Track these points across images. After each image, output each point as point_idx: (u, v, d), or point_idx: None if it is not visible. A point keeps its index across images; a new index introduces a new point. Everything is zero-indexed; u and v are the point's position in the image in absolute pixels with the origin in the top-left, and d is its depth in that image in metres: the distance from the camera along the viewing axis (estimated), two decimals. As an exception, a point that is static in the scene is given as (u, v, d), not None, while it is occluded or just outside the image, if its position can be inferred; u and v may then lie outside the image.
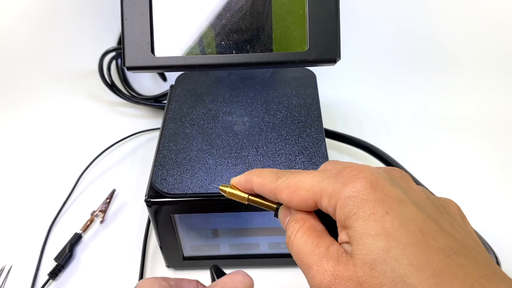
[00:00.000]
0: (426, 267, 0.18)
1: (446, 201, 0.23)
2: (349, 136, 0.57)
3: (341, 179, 0.21)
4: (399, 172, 0.23)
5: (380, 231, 0.19)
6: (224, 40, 0.38)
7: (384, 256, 0.18)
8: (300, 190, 0.23)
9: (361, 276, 0.19)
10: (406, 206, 0.20)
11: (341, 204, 0.21)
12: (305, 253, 0.22)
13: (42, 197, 0.54)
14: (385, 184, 0.20)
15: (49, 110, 0.68)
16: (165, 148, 0.42)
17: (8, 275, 0.46)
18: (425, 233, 0.19)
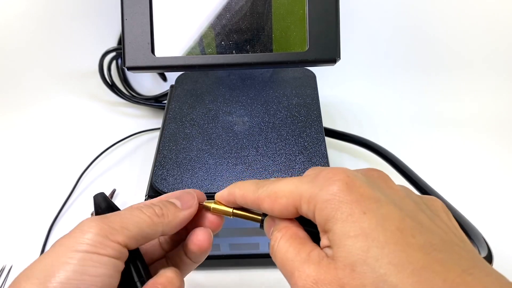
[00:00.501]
0: (406, 265, 0.18)
1: (429, 199, 0.23)
2: (349, 134, 0.57)
3: (318, 183, 0.21)
4: (377, 172, 0.23)
5: (358, 231, 0.19)
6: (224, 40, 0.38)
7: (364, 257, 0.18)
8: (280, 198, 0.23)
9: (342, 278, 0.19)
10: (383, 205, 0.20)
11: (319, 208, 0.21)
12: (288, 260, 0.22)
13: (43, 197, 0.54)
14: (361, 185, 0.21)
15: (50, 110, 0.68)
16: (165, 148, 0.42)
17: (8, 275, 0.46)
18: (404, 231, 0.19)
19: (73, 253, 0.22)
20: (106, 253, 0.22)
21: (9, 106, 0.68)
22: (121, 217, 0.25)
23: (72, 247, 0.22)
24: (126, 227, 0.24)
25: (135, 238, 0.24)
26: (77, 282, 0.21)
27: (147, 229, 0.25)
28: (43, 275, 0.21)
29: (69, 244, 0.22)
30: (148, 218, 0.25)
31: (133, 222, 0.24)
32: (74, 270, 0.21)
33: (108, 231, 0.23)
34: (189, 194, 0.28)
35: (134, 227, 0.24)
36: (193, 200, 0.27)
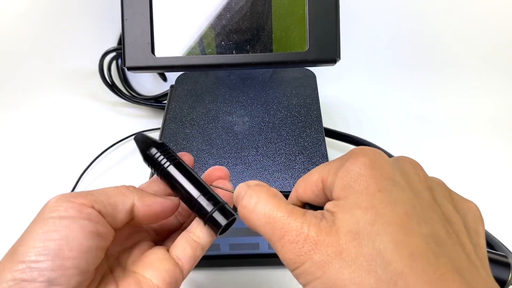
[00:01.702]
0: (404, 247, 0.18)
1: (464, 201, 0.23)
2: (349, 134, 0.57)
3: (345, 157, 0.22)
4: (409, 160, 0.23)
5: (369, 205, 0.19)
6: (224, 40, 0.38)
7: (368, 229, 0.19)
8: (312, 176, 0.24)
9: (342, 243, 0.19)
10: (398, 188, 0.20)
11: (340, 177, 0.21)
12: (278, 219, 0.21)
13: (43, 197, 0.54)
14: (384, 164, 0.21)
15: (50, 110, 0.68)
16: (165, 148, 0.42)
17: (9, 275, 0.46)
18: (410, 217, 0.19)
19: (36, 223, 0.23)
20: (69, 214, 0.23)
21: (8, 106, 0.68)
22: (89, 190, 0.25)
23: (37, 218, 0.23)
24: (91, 194, 0.24)
25: (102, 203, 0.24)
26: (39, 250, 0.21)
27: (115, 198, 0.25)
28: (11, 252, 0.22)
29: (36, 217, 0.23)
30: (117, 189, 0.26)
31: (99, 190, 0.25)
32: (35, 239, 0.22)
33: (70, 195, 0.24)
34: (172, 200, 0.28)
35: (99, 194, 0.25)
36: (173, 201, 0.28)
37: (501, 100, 0.67)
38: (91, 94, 0.70)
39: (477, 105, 0.66)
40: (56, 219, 0.22)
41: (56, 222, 0.22)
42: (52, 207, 0.23)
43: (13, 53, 0.68)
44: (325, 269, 0.19)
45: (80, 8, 0.66)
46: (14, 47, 0.68)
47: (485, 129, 0.63)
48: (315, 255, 0.19)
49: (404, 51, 0.69)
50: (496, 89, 0.68)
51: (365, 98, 0.69)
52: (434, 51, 0.68)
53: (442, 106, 0.67)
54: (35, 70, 0.70)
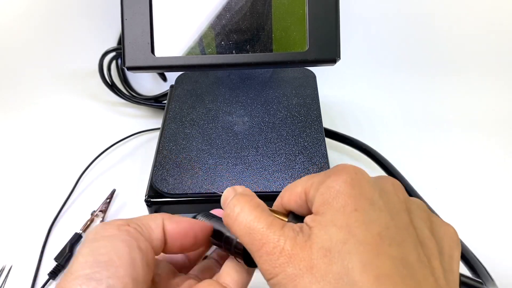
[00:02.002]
0: (372, 268, 0.18)
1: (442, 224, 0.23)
2: (349, 137, 0.57)
3: (329, 173, 0.23)
4: (391, 180, 0.24)
5: (344, 224, 0.20)
6: (224, 40, 0.38)
7: (340, 247, 0.19)
8: (297, 187, 0.24)
9: (314, 259, 0.19)
10: (375, 209, 0.21)
11: (321, 192, 0.22)
12: (257, 231, 0.22)
13: (42, 197, 0.54)
14: (364, 184, 0.21)
15: (49, 110, 0.68)
16: (165, 148, 0.42)
17: (8, 275, 0.46)
18: (383, 238, 0.19)
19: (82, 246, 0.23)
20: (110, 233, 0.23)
21: (8, 106, 0.68)
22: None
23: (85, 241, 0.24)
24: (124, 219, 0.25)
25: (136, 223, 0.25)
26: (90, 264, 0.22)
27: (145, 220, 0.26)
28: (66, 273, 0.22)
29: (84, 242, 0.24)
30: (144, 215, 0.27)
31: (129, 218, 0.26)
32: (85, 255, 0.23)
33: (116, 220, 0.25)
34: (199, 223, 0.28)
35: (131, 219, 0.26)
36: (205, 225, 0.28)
37: (503, 101, 0.67)
38: (91, 94, 0.70)
39: (480, 106, 0.66)
40: (99, 239, 0.23)
41: (100, 240, 0.23)
42: (93, 231, 0.24)
43: (12, 53, 0.68)
44: (296, 282, 0.19)
45: (80, 8, 0.66)
46: (13, 47, 0.68)
47: (486, 130, 0.63)
48: (288, 268, 0.20)
49: (405, 51, 0.68)
50: (498, 90, 0.68)
51: (366, 98, 0.69)
52: (434, 51, 0.68)
53: (442, 106, 0.67)
54: (34, 70, 0.69)
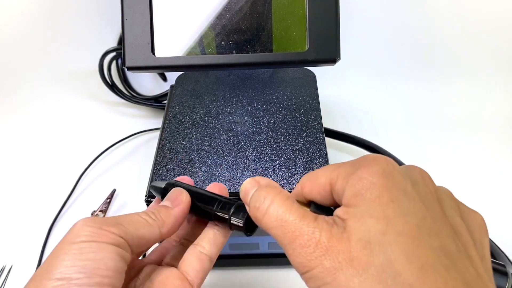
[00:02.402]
0: (415, 258, 0.18)
1: (470, 212, 0.23)
2: (350, 134, 0.57)
3: (357, 164, 0.22)
4: (419, 169, 0.23)
5: (381, 215, 0.19)
6: (224, 40, 0.38)
7: (379, 239, 0.19)
8: (320, 178, 0.23)
9: (353, 251, 0.19)
10: (410, 199, 0.20)
11: (351, 184, 0.21)
12: (290, 223, 0.21)
13: (42, 197, 0.54)
14: (396, 175, 0.21)
15: (49, 110, 0.68)
16: (165, 148, 0.42)
17: (8, 275, 0.46)
18: (421, 229, 0.19)
19: (71, 245, 0.23)
20: (103, 240, 0.23)
21: (8, 106, 0.68)
22: (115, 216, 0.26)
23: (69, 241, 0.23)
24: (121, 223, 0.25)
25: (130, 235, 0.25)
26: (78, 268, 0.22)
27: (143, 229, 0.25)
28: (44, 270, 0.22)
29: (65, 240, 0.23)
30: (142, 219, 0.26)
31: (127, 220, 0.25)
32: (73, 259, 0.22)
33: (102, 223, 0.24)
34: (176, 191, 0.29)
35: (129, 225, 0.25)
36: (181, 195, 0.28)
37: (504, 101, 0.67)
38: (91, 94, 0.70)
39: (480, 105, 0.66)
40: (91, 243, 0.23)
41: (92, 245, 0.23)
42: (85, 231, 0.23)
43: (12, 53, 0.68)
44: (335, 275, 0.19)
45: (79, 8, 0.66)
46: (13, 47, 0.68)
47: (488, 131, 0.63)
48: (326, 260, 0.19)
49: (406, 51, 0.69)
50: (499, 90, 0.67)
51: (366, 98, 0.69)
52: (435, 51, 0.68)
53: (443, 106, 0.67)
54: (34, 70, 0.69)
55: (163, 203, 0.28)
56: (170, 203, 0.28)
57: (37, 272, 0.23)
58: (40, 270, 0.23)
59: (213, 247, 0.28)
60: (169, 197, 0.28)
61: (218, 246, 0.28)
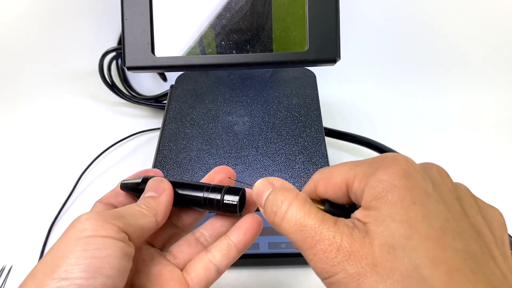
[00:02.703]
0: (441, 263, 0.18)
1: (489, 207, 0.22)
2: (352, 134, 0.57)
3: (376, 164, 0.21)
4: (436, 167, 0.23)
5: (404, 218, 0.19)
6: (224, 40, 0.38)
7: (403, 243, 0.18)
8: (335, 177, 0.23)
9: (377, 256, 0.19)
10: (432, 201, 0.20)
11: (371, 186, 0.20)
12: (310, 227, 0.21)
13: (43, 197, 0.54)
14: (417, 176, 0.20)
15: (49, 110, 0.68)
16: (165, 148, 0.42)
17: (8, 275, 0.46)
18: (445, 231, 0.19)
19: (75, 240, 0.22)
20: (108, 234, 0.23)
21: (8, 106, 0.68)
22: (116, 210, 0.26)
23: (73, 236, 0.22)
24: (123, 216, 0.25)
25: (132, 227, 0.24)
26: (82, 267, 0.21)
27: (142, 220, 0.25)
28: (47, 268, 0.21)
29: (69, 235, 0.23)
30: (138, 210, 0.26)
31: (128, 212, 0.25)
32: (78, 256, 0.21)
33: (106, 216, 0.24)
34: (155, 181, 0.28)
35: (129, 216, 0.25)
36: (162, 183, 0.28)
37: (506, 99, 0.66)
38: (91, 94, 0.70)
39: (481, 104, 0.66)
40: (96, 238, 0.22)
41: (97, 241, 0.22)
42: (90, 225, 0.23)
43: (12, 53, 0.68)
44: (359, 281, 0.19)
45: (80, 8, 0.66)
46: (13, 47, 0.68)
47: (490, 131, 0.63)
48: (349, 266, 0.19)
49: (406, 51, 0.69)
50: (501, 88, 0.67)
51: (366, 98, 0.69)
52: (436, 51, 0.68)
53: (443, 106, 0.67)
54: (34, 70, 0.69)
55: (147, 195, 0.28)
56: (154, 192, 0.28)
57: (38, 268, 0.22)
58: (41, 267, 0.22)
59: (224, 259, 0.28)
60: (150, 188, 0.28)
61: (230, 259, 0.28)
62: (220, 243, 0.28)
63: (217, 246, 0.28)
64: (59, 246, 0.22)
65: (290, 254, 0.43)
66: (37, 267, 0.22)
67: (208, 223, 0.30)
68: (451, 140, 0.62)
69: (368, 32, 0.67)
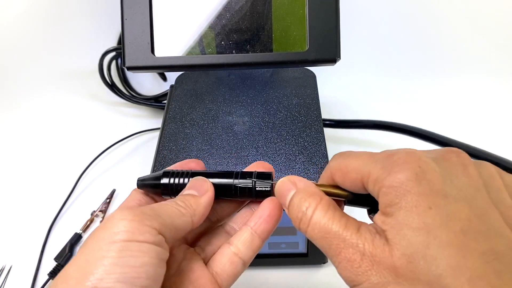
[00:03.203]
0: (463, 271, 0.17)
1: None
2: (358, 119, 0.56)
3: (388, 166, 0.20)
4: (456, 156, 0.21)
5: (421, 225, 0.18)
6: (224, 40, 0.38)
7: (423, 252, 0.18)
8: (350, 172, 0.22)
9: (398, 267, 0.18)
10: (451, 202, 0.19)
11: (384, 192, 0.20)
12: (334, 234, 0.21)
13: (42, 197, 0.54)
14: (431, 177, 0.19)
15: (49, 109, 0.68)
16: (165, 148, 0.42)
17: (8, 275, 0.46)
18: (467, 234, 0.18)
19: (109, 245, 0.20)
20: (145, 239, 0.21)
21: (8, 105, 0.68)
22: (151, 207, 0.24)
23: (107, 239, 0.21)
24: (159, 215, 0.23)
25: (168, 227, 0.23)
26: (117, 276, 0.20)
27: (178, 220, 0.24)
28: (79, 273, 0.20)
29: (103, 236, 0.21)
30: (176, 208, 0.24)
31: (164, 211, 0.24)
32: (112, 264, 0.20)
33: (143, 217, 0.22)
34: (199, 180, 0.27)
35: (166, 216, 0.23)
36: (205, 184, 0.27)
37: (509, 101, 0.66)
38: (90, 94, 0.70)
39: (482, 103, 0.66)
40: (132, 243, 0.21)
41: (133, 246, 0.21)
42: (125, 227, 0.21)
43: (12, 53, 0.68)
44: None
45: (80, 8, 0.66)
46: (13, 46, 0.68)
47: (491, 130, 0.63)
48: (373, 276, 0.19)
49: (407, 51, 0.69)
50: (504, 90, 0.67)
51: (366, 98, 0.69)
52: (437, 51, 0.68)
53: (445, 106, 0.67)
54: (34, 70, 0.69)
55: (187, 192, 0.26)
56: (195, 191, 0.26)
57: (69, 272, 0.20)
58: (73, 270, 0.20)
59: (249, 251, 0.27)
60: (192, 186, 0.27)
61: (254, 249, 0.27)
62: (242, 233, 0.27)
63: (240, 237, 0.27)
64: (91, 248, 0.21)
65: (290, 254, 0.43)
66: (69, 269, 0.21)
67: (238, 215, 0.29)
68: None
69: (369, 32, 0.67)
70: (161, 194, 0.28)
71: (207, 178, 0.27)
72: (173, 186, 0.27)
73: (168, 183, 0.27)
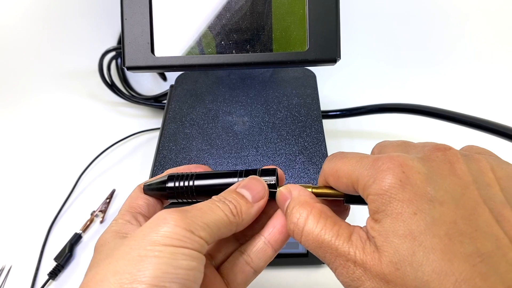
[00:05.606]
0: (449, 276, 0.17)
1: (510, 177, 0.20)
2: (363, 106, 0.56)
3: (373, 173, 0.21)
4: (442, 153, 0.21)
5: (406, 232, 0.19)
6: (224, 40, 0.38)
7: (409, 259, 0.18)
8: (341, 178, 0.23)
9: (387, 274, 0.19)
10: (435, 206, 0.19)
11: (371, 199, 0.20)
12: (327, 243, 0.21)
13: (42, 197, 0.54)
14: (415, 180, 0.19)
15: (49, 109, 0.68)
16: (165, 148, 0.42)
17: (8, 275, 0.46)
18: (452, 238, 0.18)
19: (162, 246, 0.21)
20: (194, 247, 0.21)
21: (8, 105, 0.68)
22: (202, 212, 0.23)
23: (158, 242, 0.21)
24: (207, 224, 0.22)
25: (213, 236, 0.23)
26: (171, 276, 0.20)
27: (223, 229, 0.23)
28: (133, 268, 0.20)
29: (153, 239, 0.21)
30: (226, 216, 0.24)
31: (213, 219, 0.23)
32: (166, 263, 0.20)
33: (192, 226, 0.22)
34: (259, 183, 0.26)
35: (214, 225, 0.23)
36: (264, 191, 0.26)
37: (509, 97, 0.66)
38: (90, 94, 0.70)
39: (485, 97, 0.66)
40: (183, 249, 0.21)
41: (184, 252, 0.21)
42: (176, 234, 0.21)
43: (12, 52, 0.68)
44: None
45: (80, 8, 0.66)
46: (13, 46, 0.68)
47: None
48: (366, 282, 0.20)
49: (407, 50, 0.69)
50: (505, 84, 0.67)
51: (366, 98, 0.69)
52: (437, 51, 0.68)
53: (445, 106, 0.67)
54: (34, 70, 0.69)
55: (243, 193, 0.25)
56: (251, 197, 0.25)
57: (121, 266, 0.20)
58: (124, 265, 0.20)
59: (261, 261, 0.26)
60: (249, 187, 0.25)
61: (266, 260, 0.27)
62: (255, 243, 0.27)
63: (252, 247, 0.26)
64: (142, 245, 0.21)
65: (290, 254, 0.43)
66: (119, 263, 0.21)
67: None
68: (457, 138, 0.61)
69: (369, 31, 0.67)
70: (167, 198, 0.28)
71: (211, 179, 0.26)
72: (179, 189, 0.27)
73: (174, 186, 0.27)
